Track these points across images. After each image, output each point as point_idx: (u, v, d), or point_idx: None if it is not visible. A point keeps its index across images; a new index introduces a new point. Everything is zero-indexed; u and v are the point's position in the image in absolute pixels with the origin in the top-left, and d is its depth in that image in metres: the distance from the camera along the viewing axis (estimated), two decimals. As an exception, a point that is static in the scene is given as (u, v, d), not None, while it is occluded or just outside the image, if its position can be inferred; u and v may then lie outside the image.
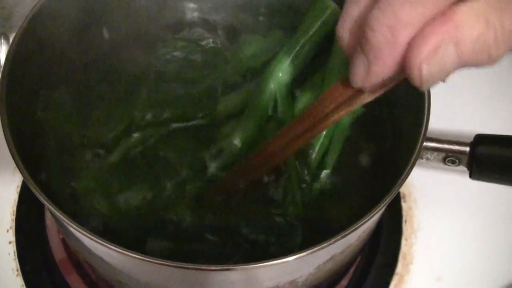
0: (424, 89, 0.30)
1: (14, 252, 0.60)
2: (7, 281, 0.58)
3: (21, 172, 0.43)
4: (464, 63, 0.28)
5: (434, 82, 0.29)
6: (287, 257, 0.39)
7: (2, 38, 0.70)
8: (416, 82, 0.29)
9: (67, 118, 0.53)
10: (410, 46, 0.28)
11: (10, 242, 0.60)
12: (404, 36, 0.28)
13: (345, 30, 0.33)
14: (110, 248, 0.40)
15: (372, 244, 0.61)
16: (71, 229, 0.42)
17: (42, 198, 0.42)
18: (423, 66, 0.28)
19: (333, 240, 0.40)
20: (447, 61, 0.28)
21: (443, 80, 0.29)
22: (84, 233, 0.40)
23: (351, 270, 0.60)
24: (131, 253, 0.39)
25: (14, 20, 0.72)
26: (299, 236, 0.48)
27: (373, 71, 0.30)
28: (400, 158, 0.47)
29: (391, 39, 0.29)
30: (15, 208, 0.62)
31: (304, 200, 0.50)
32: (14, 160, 0.43)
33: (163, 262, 0.39)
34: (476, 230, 0.63)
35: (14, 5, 0.73)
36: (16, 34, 0.49)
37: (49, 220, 0.62)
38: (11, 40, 0.69)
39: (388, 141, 0.52)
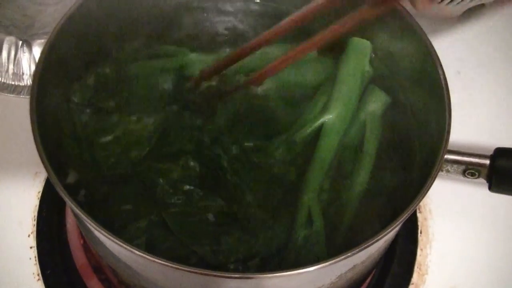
0: None
1: (35, 257, 0.60)
2: (28, 285, 0.59)
3: (51, 179, 0.43)
4: None
5: None
6: (312, 266, 0.40)
7: (24, 45, 0.71)
8: None
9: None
10: None
11: (31, 247, 0.61)
12: None
13: None
14: (137, 255, 0.40)
15: (387, 254, 0.62)
16: (98, 234, 0.43)
17: (72, 204, 0.42)
18: None
19: (356, 250, 0.41)
20: None
21: None
22: (113, 239, 0.41)
23: (367, 280, 0.61)
24: (158, 259, 0.40)
25: (36, 28, 0.73)
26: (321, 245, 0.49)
27: None
28: (420, 170, 0.48)
29: None
30: (36, 213, 0.63)
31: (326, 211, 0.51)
32: (44, 166, 0.44)
33: (191, 269, 0.40)
34: (491, 241, 0.64)
35: (36, 13, 0.74)
36: (46, 43, 0.50)
37: (70, 225, 0.63)
38: (33, 47, 0.71)
39: (409, 153, 0.53)
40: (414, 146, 0.52)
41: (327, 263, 0.40)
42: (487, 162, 0.48)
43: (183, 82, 0.57)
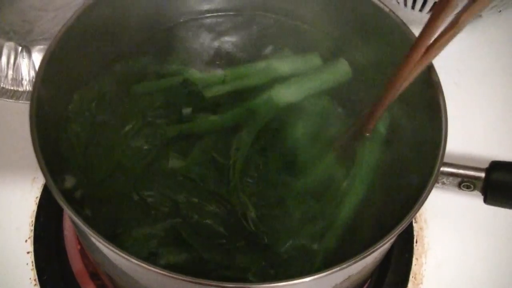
0: None
1: (32, 262, 0.60)
2: (24, 290, 0.59)
3: (49, 185, 0.44)
4: None
5: None
6: (308, 277, 0.40)
7: (24, 51, 0.71)
8: None
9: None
10: None
11: (28, 252, 0.61)
12: None
13: None
14: (134, 263, 0.41)
15: (383, 263, 0.62)
16: (94, 241, 0.43)
17: (69, 210, 0.43)
18: None
19: (352, 262, 0.41)
20: None
21: None
22: (109, 246, 0.41)
23: (363, 289, 0.61)
24: (154, 267, 0.40)
25: (36, 34, 0.73)
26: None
27: None
28: (416, 182, 0.49)
29: None
30: (33, 219, 0.63)
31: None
32: (42, 171, 0.44)
33: (188, 279, 0.40)
34: (486, 252, 0.64)
35: (36, 19, 0.74)
36: (47, 51, 0.50)
37: (67, 231, 0.63)
38: (32, 53, 0.71)
39: (405, 165, 0.53)
40: (410, 158, 0.53)
41: (322, 274, 0.40)
42: (483, 175, 0.48)
43: (186, 99, 0.58)
